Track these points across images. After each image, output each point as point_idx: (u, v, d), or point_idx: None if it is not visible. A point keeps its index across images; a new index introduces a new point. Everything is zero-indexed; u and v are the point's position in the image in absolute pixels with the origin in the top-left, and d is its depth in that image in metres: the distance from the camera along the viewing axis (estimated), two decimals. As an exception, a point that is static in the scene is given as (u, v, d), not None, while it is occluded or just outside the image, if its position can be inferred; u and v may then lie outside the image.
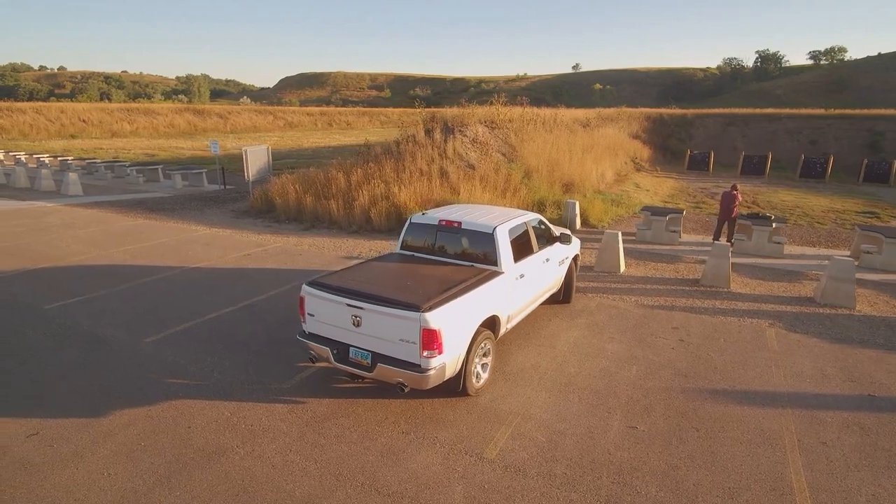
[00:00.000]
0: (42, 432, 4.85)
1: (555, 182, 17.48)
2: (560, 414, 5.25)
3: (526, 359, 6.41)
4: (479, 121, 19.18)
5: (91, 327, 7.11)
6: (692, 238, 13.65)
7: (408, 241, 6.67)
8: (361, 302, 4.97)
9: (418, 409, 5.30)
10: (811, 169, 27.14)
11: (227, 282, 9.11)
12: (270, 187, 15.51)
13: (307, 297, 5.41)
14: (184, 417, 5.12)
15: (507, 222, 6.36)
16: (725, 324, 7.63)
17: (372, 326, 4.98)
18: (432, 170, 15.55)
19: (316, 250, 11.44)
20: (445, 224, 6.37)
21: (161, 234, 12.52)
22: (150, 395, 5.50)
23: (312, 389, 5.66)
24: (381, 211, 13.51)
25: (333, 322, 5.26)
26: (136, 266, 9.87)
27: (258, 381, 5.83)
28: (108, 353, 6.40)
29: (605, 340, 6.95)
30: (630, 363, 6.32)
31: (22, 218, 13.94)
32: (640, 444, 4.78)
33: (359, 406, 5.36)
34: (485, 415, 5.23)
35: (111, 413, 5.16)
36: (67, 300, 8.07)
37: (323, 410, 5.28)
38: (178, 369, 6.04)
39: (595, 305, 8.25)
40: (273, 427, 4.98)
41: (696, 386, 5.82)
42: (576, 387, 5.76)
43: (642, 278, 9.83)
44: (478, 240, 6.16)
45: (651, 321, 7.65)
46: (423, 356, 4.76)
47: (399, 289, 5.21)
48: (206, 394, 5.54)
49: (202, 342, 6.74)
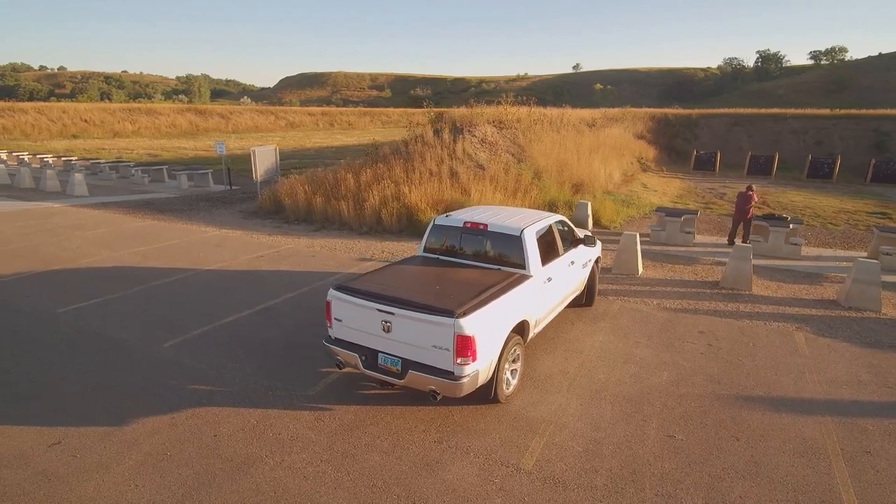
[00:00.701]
0: (64, 441, 4.72)
1: (564, 182, 17.34)
2: (594, 422, 5.11)
3: (553, 364, 6.28)
4: (487, 121, 19.06)
5: (107, 331, 6.97)
6: (705, 239, 13.51)
7: (431, 243, 6.53)
8: (392, 307, 4.83)
9: (448, 417, 5.17)
10: (818, 169, 27.00)
11: (242, 284, 8.98)
12: (279, 188, 15.36)
13: (334, 301, 5.27)
14: (209, 426, 4.98)
15: (534, 224, 6.23)
16: (752, 328, 7.49)
17: (403, 332, 4.84)
18: (442, 170, 15.41)
19: (328, 252, 11.31)
20: (471, 226, 6.24)
21: (171, 235, 12.38)
22: (172, 402, 5.36)
23: (338, 396, 5.52)
24: (392, 212, 13.37)
25: (362, 327, 5.12)
26: (148, 268, 9.73)
27: (282, 387, 5.69)
28: (127, 358, 6.27)
29: (632, 345, 6.82)
30: (660, 369, 6.19)
31: (29, 219, 13.80)
32: (680, 454, 4.65)
33: (387, 414, 5.23)
34: (517, 423, 5.09)
35: (134, 421, 5.02)
36: (81, 303, 7.93)
37: (350, 418, 5.14)
38: (199, 375, 5.91)
39: (617, 309, 8.12)
40: (301, 436, 4.85)
41: (731, 393, 5.69)
42: (608, 394, 5.63)
43: (661, 280, 9.69)
44: (505, 242, 6.02)
45: (676, 325, 7.51)
46: (457, 363, 4.63)
47: (430, 293, 5.07)
48: (229, 401, 5.41)
49: (222, 347, 6.60)
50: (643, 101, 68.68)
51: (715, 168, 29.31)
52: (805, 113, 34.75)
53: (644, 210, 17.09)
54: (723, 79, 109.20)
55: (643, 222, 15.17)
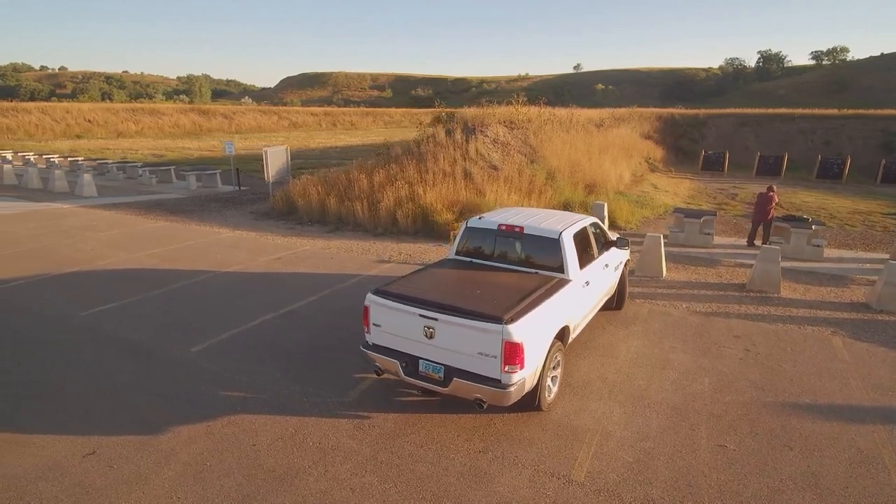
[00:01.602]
0: (99, 451, 4.58)
1: (577, 183, 17.21)
2: (641, 431, 4.97)
3: (590, 370, 6.14)
4: (498, 121, 18.92)
5: (132, 336, 6.83)
6: (723, 240, 13.37)
7: (463, 246, 6.39)
8: (436, 313, 4.70)
9: (490, 426, 5.03)
10: (828, 170, 26.85)
11: (262, 287, 8.84)
12: (292, 189, 15.22)
13: (372, 306, 5.13)
14: (246, 434, 4.85)
15: (571, 227, 6.09)
16: (787, 332, 7.36)
17: (447, 339, 4.71)
18: (456, 171, 15.28)
19: (345, 253, 11.17)
20: (506, 229, 6.10)
21: (185, 236, 12.24)
22: (206, 409, 5.23)
23: (375, 403, 5.39)
24: (408, 213, 13.23)
25: (402, 333, 4.98)
26: (165, 270, 9.59)
27: (316, 393, 5.55)
28: (155, 363, 6.13)
29: (668, 350, 6.68)
30: (700, 375, 6.05)
31: (40, 220, 13.66)
32: (734, 465, 4.51)
33: (427, 421, 5.09)
34: (561, 432, 4.96)
35: (169, 429, 4.88)
36: (102, 307, 7.79)
37: (390, 426, 5.01)
38: (230, 381, 5.77)
39: (647, 312, 7.98)
40: (342, 445, 4.71)
41: (777, 400, 5.55)
42: (650, 401, 5.49)
43: (686, 283, 9.55)
44: (542, 246, 5.88)
45: (709, 329, 7.37)
46: (505, 371, 4.49)
47: (473, 299, 4.93)
48: (264, 408, 5.27)
49: (250, 351, 6.47)
50: (645, 102, 68.48)
51: (724, 168, 29.16)
52: (813, 113, 34.61)
53: (658, 211, 16.95)
54: (724, 79, 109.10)
55: (658, 223, 15.04)
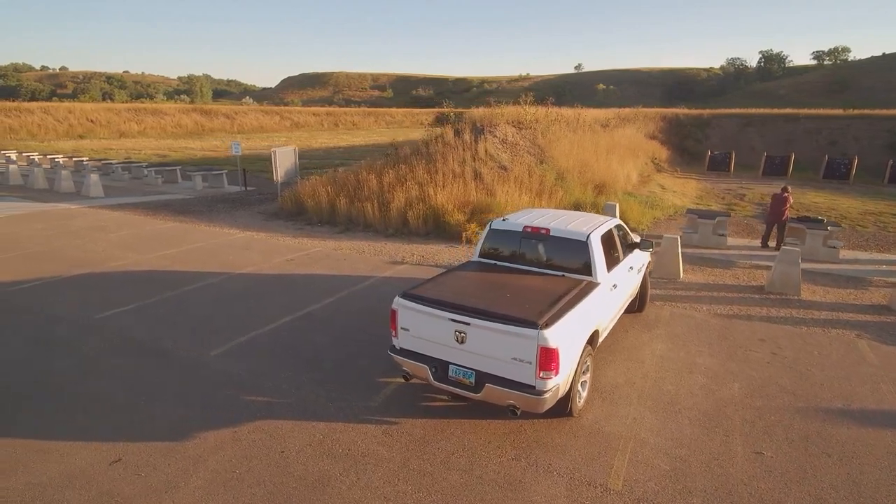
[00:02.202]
0: (125, 458, 4.49)
1: (587, 183, 17.12)
2: (675, 438, 4.89)
3: (616, 374, 6.05)
4: (506, 121, 18.84)
5: (150, 339, 6.75)
6: (736, 241, 13.28)
7: (487, 248, 6.30)
8: (468, 317, 4.61)
9: (520, 432, 4.95)
10: (835, 170, 26.78)
11: (278, 288, 8.75)
12: (301, 189, 15.14)
13: (401, 310, 5.05)
14: (274, 441, 4.76)
15: (598, 229, 6.01)
16: (811, 335, 7.27)
17: (479, 344, 4.62)
18: (465, 171, 15.19)
19: (357, 255, 11.08)
20: (531, 231, 6.01)
21: (195, 237, 12.15)
22: (231, 414, 5.14)
23: (402, 408, 5.30)
24: (419, 214, 13.14)
25: (432, 338, 4.90)
26: (179, 272, 9.50)
27: (341, 398, 5.47)
28: (176, 367, 6.04)
29: (694, 354, 6.60)
30: (729, 379, 5.97)
31: (48, 221, 13.57)
32: (773, 473, 4.43)
33: (456, 427, 5.00)
34: (593, 438, 4.87)
35: (195, 436, 4.80)
36: (117, 309, 7.71)
37: (419, 432, 4.92)
38: (253, 386, 5.68)
39: (668, 315, 7.89)
40: (372, 452, 4.62)
41: (809, 405, 5.47)
42: (681, 406, 5.41)
43: (704, 285, 9.47)
44: (569, 248, 5.80)
45: (733, 332, 7.29)
46: (540, 377, 4.40)
47: (505, 302, 4.84)
48: (290, 413, 5.19)
49: (270, 355, 6.38)
50: (646, 102, 68.35)
51: (730, 169, 29.08)
52: (818, 113, 34.52)
53: (668, 211, 16.86)
54: (725, 79, 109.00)
55: (670, 224, 14.96)
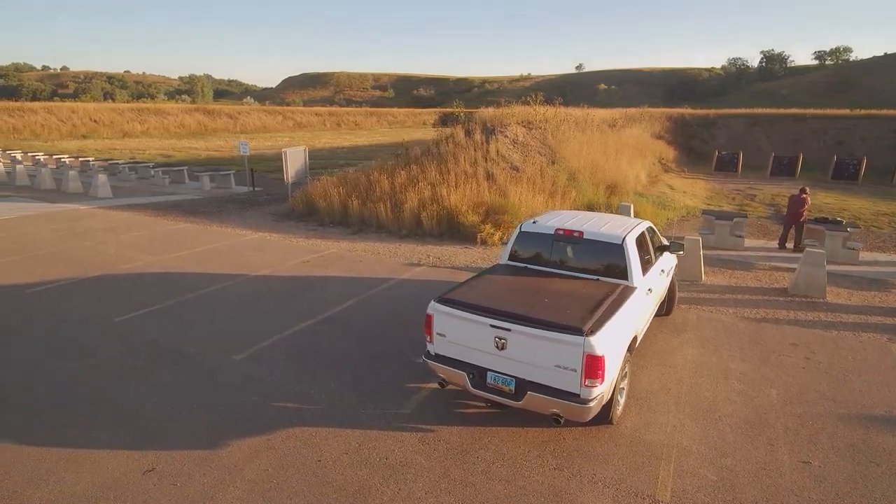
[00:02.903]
0: (159, 467, 4.38)
1: (598, 184, 17.01)
2: (718, 446, 4.77)
3: (650, 380, 5.94)
4: (516, 121, 18.72)
5: (172, 343, 6.63)
6: (752, 242, 13.17)
7: (516, 251, 6.19)
8: (509, 323, 4.50)
9: (559, 440, 4.83)
10: (843, 170, 26.63)
11: (296, 291, 8.64)
12: (312, 190, 15.03)
13: (437, 315, 4.93)
14: (309, 449, 4.65)
15: (632, 231, 5.89)
16: (843, 339, 7.16)
17: (520, 350, 4.51)
18: (478, 172, 15.08)
19: (373, 256, 10.97)
20: (564, 234, 5.90)
21: (208, 238, 12.04)
22: (262, 421, 5.03)
23: (436, 415, 5.19)
24: (432, 215, 13.02)
25: (470, 343, 4.78)
26: (195, 273, 9.39)
27: (372, 404, 5.36)
28: (201, 372, 5.93)
29: (726, 359, 6.48)
30: (766, 386, 5.85)
31: (59, 221, 13.46)
32: (824, 484, 4.31)
33: (493, 436, 4.89)
34: (635, 447, 4.76)
35: (228, 444, 4.69)
36: (136, 312, 7.60)
37: (457, 441, 4.81)
38: (280, 391, 5.57)
39: (695, 318, 7.78)
40: (411, 461, 4.51)
41: (851, 412, 5.36)
42: (720, 414, 5.29)
43: (726, 287, 9.36)
44: (604, 251, 5.68)
45: (764, 336, 7.17)
46: (585, 385, 4.29)
47: (545, 308, 4.73)
48: (322, 420, 5.07)
49: (296, 360, 6.27)
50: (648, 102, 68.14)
51: (737, 169, 28.95)
52: (825, 113, 34.38)
53: (680, 212, 16.74)
54: (727, 79, 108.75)
55: (683, 225, 14.85)
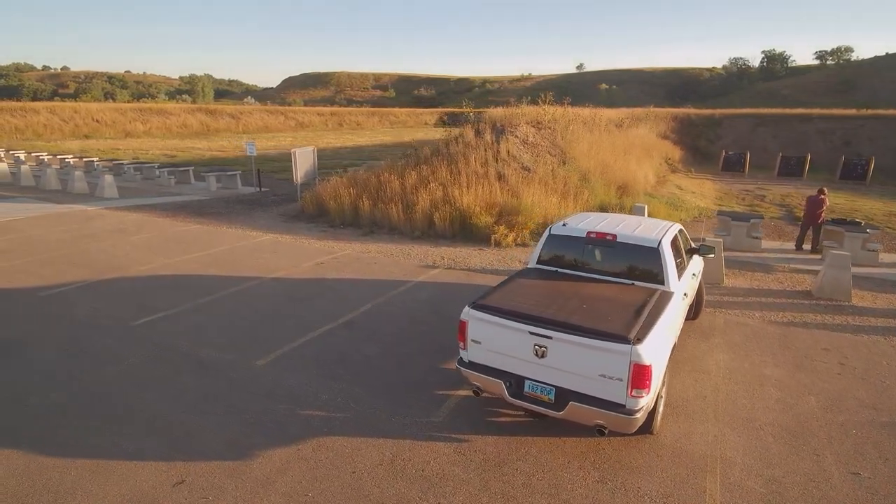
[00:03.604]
0: (189, 480, 4.24)
1: (609, 185, 16.88)
2: (763, 457, 4.64)
3: (684, 387, 5.80)
4: (526, 121, 18.58)
5: (192, 348, 6.49)
6: (769, 244, 13.03)
7: (546, 254, 6.05)
8: (551, 330, 4.35)
9: (599, 451, 4.69)
10: (851, 170, 26.51)
11: (313, 294, 8.50)
12: (321, 191, 14.89)
13: (472, 321, 4.79)
14: (341, 459, 4.51)
15: (667, 234, 5.75)
16: (875, 343, 7.02)
17: (561, 358, 4.37)
18: (489, 172, 14.93)
19: (387, 258, 10.82)
20: (596, 237, 5.76)
21: (220, 240, 11.89)
22: (290, 430, 4.89)
23: (469, 424, 5.05)
24: (445, 216, 12.88)
25: (507, 351, 4.64)
26: (209, 276, 9.25)
27: (402, 412, 5.22)
28: (223, 379, 5.79)
29: (759, 365, 6.34)
30: (804, 393, 5.71)
31: (67, 223, 13.31)
32: (876, 496, 4.18)
33: (530, 446, 4.75)
34: (677, 458, 4.62)
35: (258, 454, 4.55)
36: (152, 315, 7.45)
37: (493, 451, 4.67)
38: (307, 399, 5.43)
39: (722, 322, 7.64)
40: (448, 473, 4.37)
41: (895, 420, 5.22)
42: (760, 423, 5.16)
43: (748, 290, 9.22)
44: (638, 255, 5.54)
45: (794, 341, 7.03)
46: (631, 395, 4.14)
47: (586, 314, 4.58)
48: (352, 429, 4.93)
49: (319, 365, 6.13)
50: (649, 102, 67.98)
51: (744, 169, 28.83)
52: (831, 113, 34.25)
53: (692, 213, 16.60)
54: (728, 79, 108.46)
55: (697, 226, 14.70)
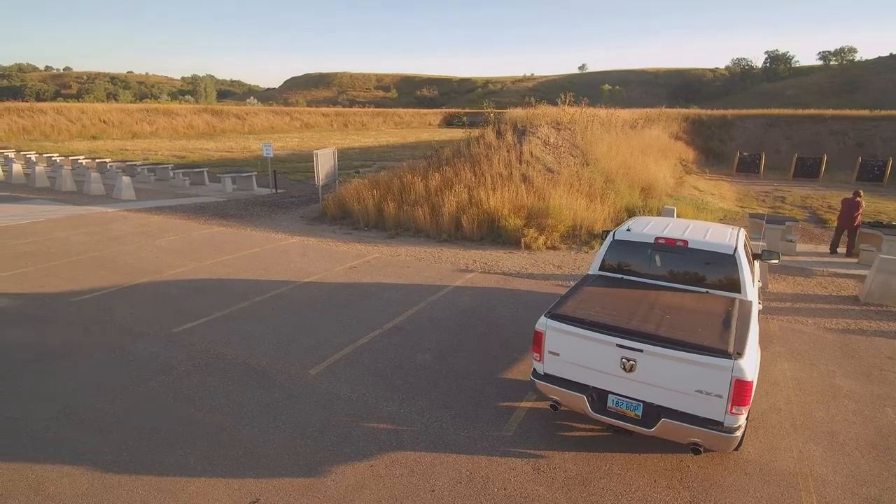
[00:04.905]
0: (263, 498, 4.05)
1: (633, 186, 16.68)
2: (854, 475, 4.43)
3: (757, 399, 5.56)
4: (546, 122, 18.38)
5: (240, 356, 6.30)
6: (802, 247, 12.82)
7: (609, 261, 5.84)
8: (642, 343, 4.15)
9: (683, 469, 4.49)
10: (868, 171, 26.29)
11: (352, 299, 8.30)
12: (344, 192, 14.70)
13: (549, 332, 4.59)
14: (418, 477, 4.31)
15: (739, 240, 5.56)
16: (940, 352, 6.82)
17: (652, 373, 4.16)
18: (513, 174, 14.74)
19: (418, 262, 10.62)
20: (665, 242, 5.56)
21: (246, 243, 11.70)
22: (359, 445, 4.69)
23: (543, 439, 4.85)
24: (472, 218, 12.69)
25: (589, 364, 4.44)
26: (243, 280, 9.06)
27: (469, 425, 5.02)
28: (278, 389, 5.59)
29: (826, 375, 6.14)
30: (879, 404, 5.51)
31: (89, 226, 13.12)
32: None
33: (611, 463, 4.55)
34: (766, 476, 4.42)
35: (330, 470, 4.35)
36: (193, 322, 7.26)
37: (573, 468, 4.47)
38: (369, 410, 5.24)
39: (778, 330, 7.44)
40: (532, 493, 4.17)
41: (984, 435, 5.02)
42: (843, 437, 4.95)
43: (796, 296, 9.01)
44: (712, 262, 5.34)
45: (855, 349, 6.83)
46: (731, 412, 3.94)
47: (674, 326, 4.38)
48: (422, 444, 4.73)
49: (374, 375, 5.93)
50: (652, 102, 67.70)
51: (759, 170, 28.63)
52: (844, 114, 34.04)
53: (717, 215, 16.38)
54: (731, 79, 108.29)
55: (725, 229, 14.47)
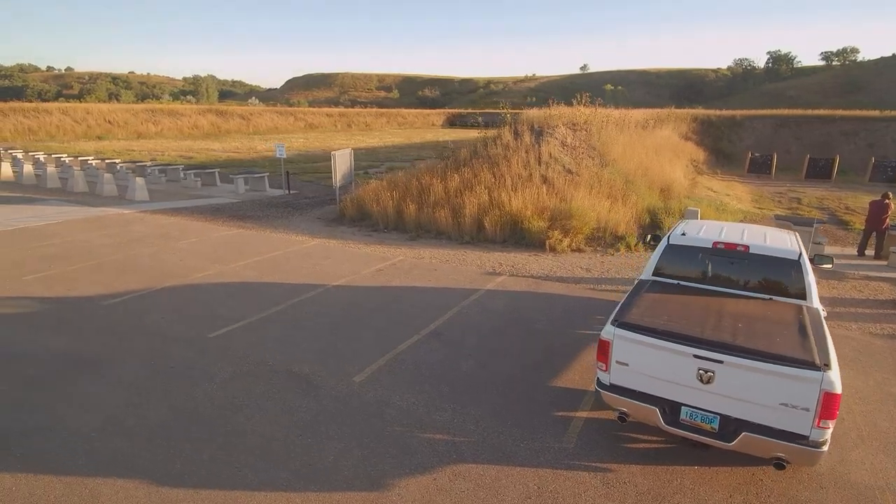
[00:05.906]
0: (327, 515, 3.89)
1: (652, 187, 16.54)
2: (936, 487, 4.28)
3: (817, 407, 5.44)
4: (563, 123, 18.24)
5: (282, 363, 6.14)
6: (829, 250, 12.65)
7: (664, 266, 5.69)
8: (722, 354, 4.00)
9: (756, 483, 4.33)
10: (882, 172, 26.14)
11: (385, 303, 8.14)
12: (363, 194, 14.55)
13: (617, 341, 4.44)
14: (485, 492, 4.15)
15: (799, 244, 5.41)
16: None
17: (732, 385, 4.00)
18: (532, 175, 14.59)
19: (445, 264, 10.46)
20: (725, 247, 5.40)
21: (268, 245, 11.54)
22: (418, 457, 4.54)
23: (607, 451, 4.69)
24: (495, 220, 12.54)
25: (662, 375, 4.29)
26: (272, 284, 8.90)
27: (528, 436, 4.86)
28: (325, 397, 5.44)
29: (883, 383, 5.99)
30: (947, 413, 5.36)
31: (108, 227, 12.97)
32: None
33: (682, 477, 4.39)
34: (843, 490, 4.26)
35: (392, 483, 4.20)
36: (227, 327, 7.11)
37: (643, 483, 4.31)
38: (422, 420, 5.08)
39: (824, 335, 7.28)
40: (606, 507, 4.02)
41: None
42: (916, 447, 4.80)
43: (834, 300, 8.86)
44: (776, 268, 5.19)
45: (908, 355, 6.69)
46: (818, 426, 3.79)
47: (752, 335, 4.22)
48: (482, 456, 4.58)
49: (420, 382, 5.78)
50: (655, 102, 67.49)
51: (771, 171, 28.48)
52: (854, 114, 33.90)
53: (737, 216, 16.21)
54: (733, 79, 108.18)
55: (747, 231, 14.32)
